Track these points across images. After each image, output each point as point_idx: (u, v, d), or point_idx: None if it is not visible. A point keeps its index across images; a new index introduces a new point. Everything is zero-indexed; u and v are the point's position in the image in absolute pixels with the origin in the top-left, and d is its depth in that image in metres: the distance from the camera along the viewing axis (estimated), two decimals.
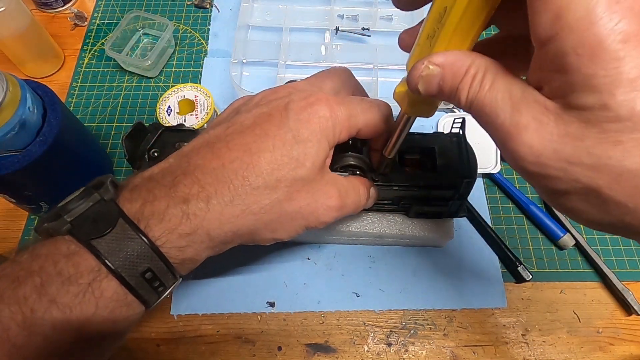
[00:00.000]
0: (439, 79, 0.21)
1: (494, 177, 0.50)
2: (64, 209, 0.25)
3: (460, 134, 0.38)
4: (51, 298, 0.23)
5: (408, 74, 0.22)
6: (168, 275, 0.26)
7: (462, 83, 0.20)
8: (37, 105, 0.38)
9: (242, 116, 0.29)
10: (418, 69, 0.21)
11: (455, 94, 0.20)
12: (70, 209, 0.25)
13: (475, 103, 0.20)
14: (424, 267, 0.46)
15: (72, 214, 0.24)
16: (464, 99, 0.20)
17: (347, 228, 0.42)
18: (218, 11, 0.63)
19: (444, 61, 0.20)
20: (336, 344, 0.42)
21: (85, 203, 0.25)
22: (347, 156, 0.34)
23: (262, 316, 0.43)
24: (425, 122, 0.54)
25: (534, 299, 0.44)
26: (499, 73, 0.19)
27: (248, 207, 0.27)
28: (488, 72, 0.19)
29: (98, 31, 0.61)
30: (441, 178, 0.36)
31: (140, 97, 0.56)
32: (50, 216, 0.25)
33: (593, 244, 0.47)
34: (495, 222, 0.48)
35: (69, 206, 0.25)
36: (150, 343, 0.42)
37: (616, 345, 0.43)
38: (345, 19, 0.60)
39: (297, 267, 0.45)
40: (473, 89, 0.19)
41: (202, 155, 0.27)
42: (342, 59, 0.57)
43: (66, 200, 0.25)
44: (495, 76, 0.19)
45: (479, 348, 0.42)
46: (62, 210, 0.25)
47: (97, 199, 0.25)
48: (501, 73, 0.19)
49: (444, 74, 0.20)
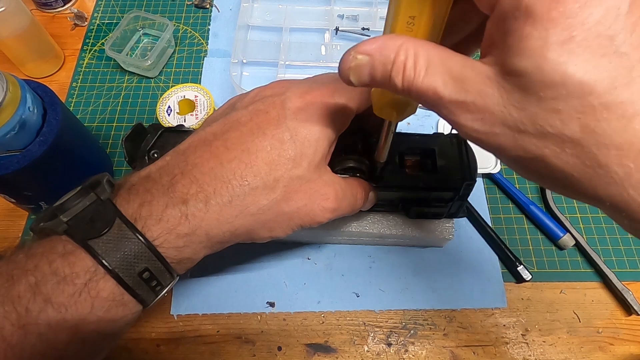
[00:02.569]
0: (369, 68, 0.20)
1: (494, 177, 0.50)
2: (60, 208, 0.25)
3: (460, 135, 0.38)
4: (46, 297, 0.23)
5: (338, 66, 0.21)
6: (165, 274, 0.26)
7: (394, 70, 0.19)
8: (37, 105, 0.38)
9: (238, 113, 0.29)
10: (346, 60, 0.20)
11: (389, 82, 0.19)
12: (66, 209, 0.24)
13: (413, 89, 0.19)
14: (424, 267, 0.46)
15: (68, 213, 0.24)
16: (399, 86, 0.19)
17: (347, 228, 0.42)
18: (218, 11, 0.63)
19: (370, 49, 0.19)
20: (336, 344, 0.42)
21: (82, 202, 0.25)
22: (347, 158, 0.35)
23: (262, 316, 0.43)
24: (425, 123, 0.54)
25: (534, 299, 0.44)
26: (431, 53, 0.18)
27: (246, 208, 0.27)
28: (420, 56, 0.18)
29: (98, 31, 0.61)
30: (441, 180, 0.36)
31: (140, 97, 0.56)
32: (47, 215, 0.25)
33: (593, 244, 0.47)
34: (495, 222, 0.48)
35: (65, 205, 0.25)
36: (150, 343, 0.42)
37: (616, 345, 0.43)
38: (345, 19, 0.60)
39: (297, 267, 0.45)
40: (407, 76, 0.19)
41: (199, 154, 0.27)
42: None
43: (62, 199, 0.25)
44: (428, 58, 0.18)
45: (479, 348, 0.42)
46: (59, 210, 0.24)
47: (93, 199, 0.25)
48: (434, 52, 0.18)
49: (373, 62, 0.19)
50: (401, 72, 0.19)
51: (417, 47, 0.18)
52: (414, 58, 0.18)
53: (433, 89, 0.18)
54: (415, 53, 0.18)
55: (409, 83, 0.19)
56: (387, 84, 0.19)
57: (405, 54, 0.18)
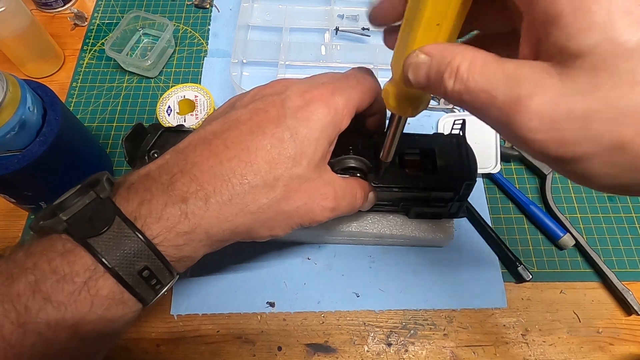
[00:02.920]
0: (427, 66, 0.21)
1: (494, 177, 0.50)
2: (59, 207, 0.25)
3: (460, 135, 0.38)
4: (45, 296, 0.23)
5: (403, 63, 0.22)
6: (165, 273, 0.26)
7: (447, 72, 0.19)
8: (37, 105, 0.38)
9: (238, 112, 0.29)
10: (411, 57, 0.21)
11: (440, 84, 0.20)
12: (66, 207, 0.24)
13: (465, 91, 0.19)
14: (424, 267, 0.45)
15: (68, 212, 0.24)
16: (450, 88, 0.19)
17: (347, 228, 0.42)
18: (218, 11, 0.63)
19: (432, 50, 0.21)
20: (336, 344, 0.42)
21: (82, 201, 0.25)
22: (348, 158, 0.35)
23: (262, 316, 0.43)
24: (425, 123, 0.54)
25: (534, 299, 0.44)
26: (487, 59, 0.19)
27: (246, 206, 0.27)
28: (476, 60, 0.19)
29: (98, 31, 0.61)
30: (441, 180, 0.36)
31: (140, 97, 0.56)
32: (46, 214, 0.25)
33: (593, 244, 0.46)
34: (495, 222, 0.48)
35: (64, 204, 0.25)
36: (150, 343, 0.42)
37: (616, 345, 0.43)
38: (345, 19, 0.60)
39: (297, 267, 0.45)
40: (460, 78, 0.19)
41: (199, 153, 0.27)
42: (342, 59, 0.56)
43: (62, 197, 0.25)
44: (483, 62, 0.19)
45: (479, 348, 0.42)
46: (58, 208, 0.24)
47: (93, 197, 0.25)
48: (489, 58, 0.19)
49: (432, 62, 0.20)
50: (454, 74, 0.19)
51: (475, 54, 0.19)
52: (470, 62, 0.19)
53: (486, 90, 0.18)
54: (473, 58, 0.19)
55: (460, 84, 0.19)
56: (439, 85, 0.20)
57: (461, 58, 0.19)
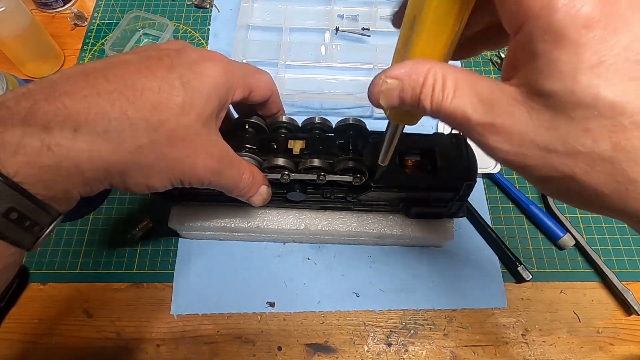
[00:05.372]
0: (399, 91, 0.20)
1: (494, 177, 0.50)
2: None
3: (460, 135, 0.38)
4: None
5: (368, 90, 0.22)
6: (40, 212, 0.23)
7: (423, 93, 0.20)
8: None
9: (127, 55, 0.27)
10: (377, 84, 0.21)
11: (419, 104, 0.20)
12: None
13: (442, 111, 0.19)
14: (424, 267, 0.46)
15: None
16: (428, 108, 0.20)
17: (347, 228, 0.42)
18: (218, 11, 0.63)
19: (400, 73, 0.20)
20: (336, 344, 0.42)
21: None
22: (346, 159, 0.34)
23: (262, 316, 0.43)
24: (425, 123, 0.54)
25: (534, 299, 0.44)
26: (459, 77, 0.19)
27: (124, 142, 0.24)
28: (448, 79, 0.19)
29: (98, 31, 0.61)
30: (441, 180, 0.36)
31: None
32: None
33: (593, 244, 0.47)
34: (495, 222, 0.48)
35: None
36: (150, 343, 0.42)
37: (616, 345, 0.43)
38: (345, 19, 0.60)
39: (297, 267, 0.45)
40: (436, 98, 0.19)
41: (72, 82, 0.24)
42: (342, 59, 0.57)
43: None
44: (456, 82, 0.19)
45: (479, 348, 0.42)
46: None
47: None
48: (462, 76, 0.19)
49: (403, 86, 0.20)
50: (429, 95, 0.19)
51: (445, 71, 0.19)
52: (442, 81, 0.19)
53: (461, 111, 0.19)
54: (444, 76, 0.19)
55: (437, 105, 0.19)
56: (416, 106, 0.20)
57: (433, 77, 0.19)
